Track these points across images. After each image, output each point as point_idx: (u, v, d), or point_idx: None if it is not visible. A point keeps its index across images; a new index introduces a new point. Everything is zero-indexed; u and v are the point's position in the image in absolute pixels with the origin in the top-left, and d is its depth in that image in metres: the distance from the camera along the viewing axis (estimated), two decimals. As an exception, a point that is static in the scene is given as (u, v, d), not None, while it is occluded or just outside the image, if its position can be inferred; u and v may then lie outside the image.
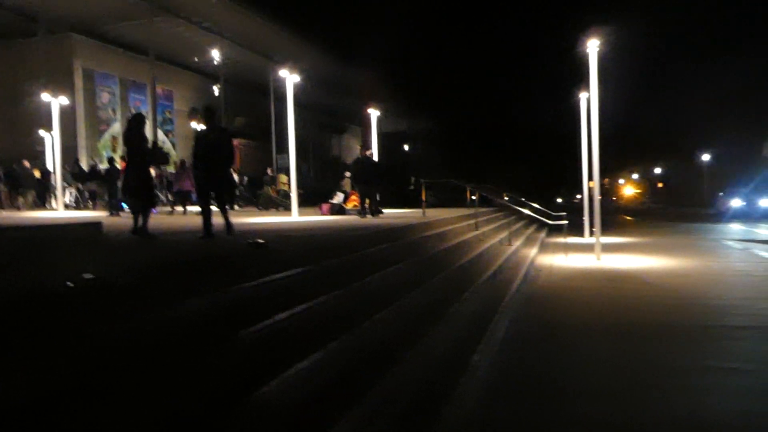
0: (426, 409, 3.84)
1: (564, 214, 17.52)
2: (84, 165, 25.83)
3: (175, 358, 3.34)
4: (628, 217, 40.66)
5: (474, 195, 15.14)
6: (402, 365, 4.14)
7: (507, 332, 6.47)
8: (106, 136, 32.75)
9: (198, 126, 31.02)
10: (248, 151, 35.48)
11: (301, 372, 3.59)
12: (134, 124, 8.62)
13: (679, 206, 53.05)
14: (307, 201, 21.54)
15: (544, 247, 16.59)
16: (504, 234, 14.03)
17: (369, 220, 12.39)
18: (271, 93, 37.98)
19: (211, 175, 7.93)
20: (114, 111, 33.53)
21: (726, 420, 4.12)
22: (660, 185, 75.67)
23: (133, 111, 34.53)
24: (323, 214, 15.67)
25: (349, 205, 15.69)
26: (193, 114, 38.07)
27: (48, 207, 19.56)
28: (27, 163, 20.22)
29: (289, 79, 14.11)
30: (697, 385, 4.85)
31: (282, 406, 3.36)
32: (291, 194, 20.00)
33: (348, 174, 23.09)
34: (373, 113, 19.54)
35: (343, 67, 39.78)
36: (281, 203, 19.44)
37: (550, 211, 19.45)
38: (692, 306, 8.16)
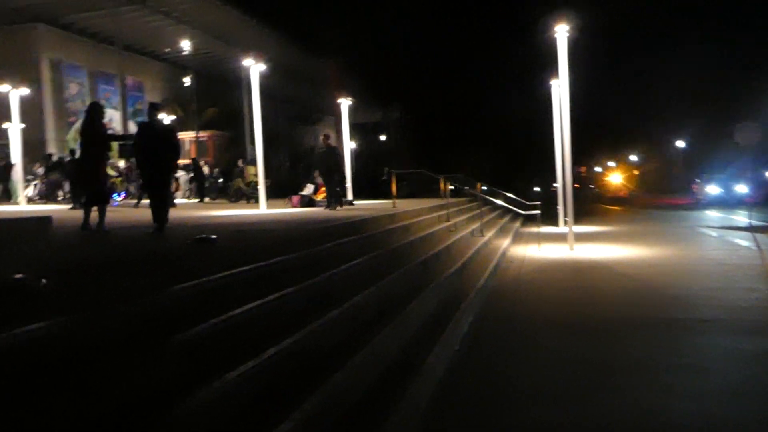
0: (368, 419, 3.57)
1: (539, 203, 17.38)
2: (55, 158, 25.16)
3: (88, 368, 3.02)
4: (606, 206, 40.83)
5: (446, 185, 14.88)
6: (345, 371, 3.86)
7: (468, 330, 6.23)
8: (75, 128, 31.96)
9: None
10: (221, 143, 34.86)
11: (229, 383, 3.29)
12: (92, 115, 8.27)
13: (655, 193, 53.44)
14: (279, 193, 21.17)
15: (518, 238, 16.42)
16: (476, 225, 13.80)
17: (334, 212, 12.05)
18: (242, 84, 37.38)
19: (154, 168, 7.75)
20: (83, 102, 32.58)
21: (686, 423, 3.91)
22: (635, 172, 76.23)
23: (103, 103, 33.81)
24: (293, 206, 15.34)
25: (319, 197, 15.34)
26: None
27: (12, 201, 18.99)
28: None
29: (254, 68, 13.71)
30: (659, 384, 4.64)
31: (205, 421, 3.06)
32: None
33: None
34: (344, 103, 19.19)
35: (314, 57, 39.32)
36: (251, 195, 19.02)
37: (524, 201, 19.32)
38: (663, 297, 8.01)
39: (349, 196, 18.80)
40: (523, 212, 16.97)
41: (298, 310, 4.72)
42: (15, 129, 16.36)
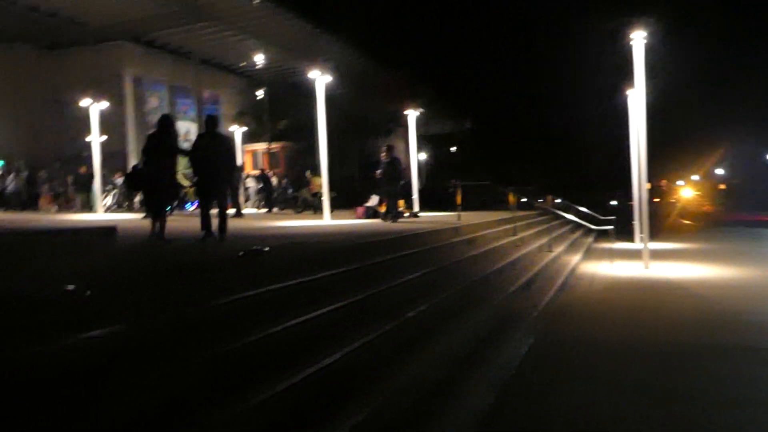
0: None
1: (613, 218, 16.57)
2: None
3: (115, 382, 2.92)
4: (688, 222, 38.79)
5: (515, 198, 14.40)
6: (382, 395, 3.61)
7: (528, 352, 5.84)
8: (154, 141, 33.29)
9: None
10: (292, 154, 35.41)
11: (266, 401, 3.11)
12: (162, 127, 8.36)
13: (742, 209, 50.34)
14: (348, 203, 21.15)
15: (589, 254, 15.68)
16: (545, 239, 13.28)
17: (395, 225, 11.75)
18: (315, 95, 37.93)
19: (210, 177, 7.81)
20: (162, 116, 34.08)
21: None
22: (721, 186, 72.24)
23: (181, 116, 35.12)
24: (357, 217, 15.23)
25: (384, 208, 15.16)
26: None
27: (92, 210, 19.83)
28: (83, 169, 20.73)
29: (320, 79, 13.74)
30: (727, 421, 4.14)
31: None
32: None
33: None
34: (411, 114, 18.99)
35: (385, 69, 39.47)
36: (317, 206, 19.06)
37: (598, 215, 18.50)
38: (742, 323, 7.32)
39: (416, 208, 18.57)
40: (596, 227, 16.21)
41: (343, 327, 4.51)
42: (95, 141, 17.06)
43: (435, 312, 5.60)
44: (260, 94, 36.07)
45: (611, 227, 14.75)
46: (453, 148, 52.01)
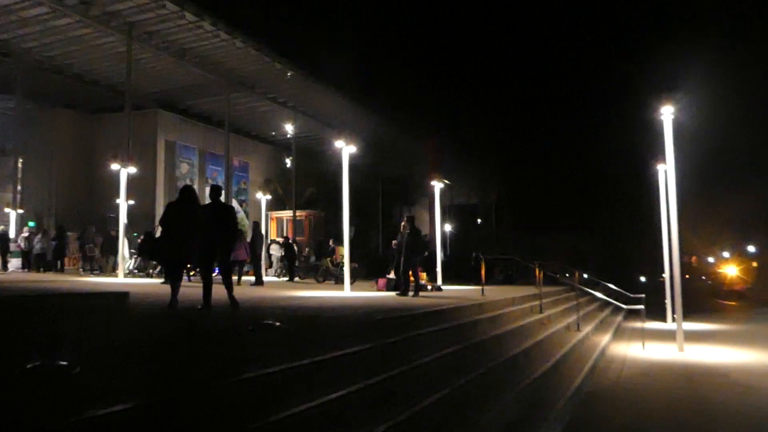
0: None
1: (643, 295, 15.97)
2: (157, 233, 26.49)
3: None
4: (720, 300, 37.54)
5: (541, 273, 13.99)
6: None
7: (556, 446, 5.40)
8: (182, 205, 33.74)
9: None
10: (317, 222, 35.53)
11: None
12: (184, 196, 8.25)
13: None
14: (371, 274, 20.89)
15: (619, 334, 15.06)
16: (572, 318, 12.77)
17: (413, 299, 11.31)
18: (341, 164, 38.37)
19: (212, 246, 7.83)
20: (192, 181, 34.66)
21: None
22: (754, 264, 70.26)
23: (210, 182, 35.69)
24: (379, 289, 14.91)
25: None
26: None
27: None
28: (114, 232, 21.01)
29: (345, 149, 13.78)
30: None
31: None
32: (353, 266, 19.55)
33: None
34: (436, 185, 18.91)
35: (413, 139, 39.94)
36: (339, 276, 18.83)
37: (627, 292, 17.90)
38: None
39: (439, 281, 18.21)
40: (625, 306, 15.62)
41: (356, 414, 4.18)
42: (122, 205, 17.25)
43: (456, 398, 5.23)
44: (288, 162, 36.63)
45: (641, 306, 14.17)
46: (479, 220, 51.80)
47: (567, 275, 19.12)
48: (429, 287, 14.78)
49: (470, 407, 5.29)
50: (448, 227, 49.08)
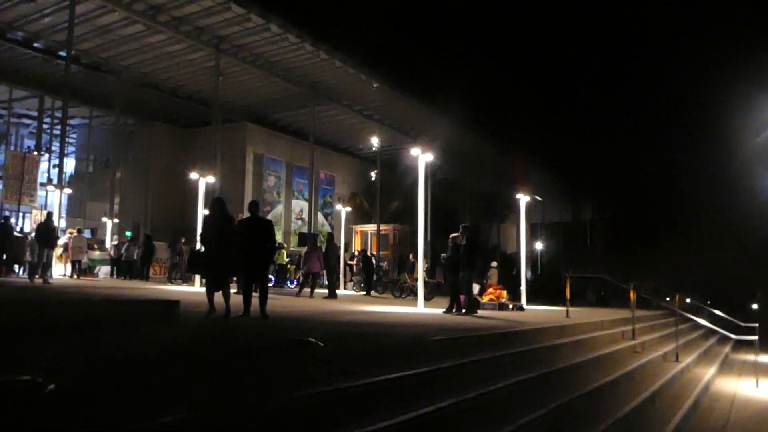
0: None
1: (756, 325, 14.16)
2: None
3: None
4: None
5: (635, 295, 12.62)
6: None
7: None
8: (269, 218, 34.21)
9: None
10: (402, 236, 34.92)
11: None
12: (218, 207, 8.33)
13: None
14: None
15: (727, 368, 13.34)
16: (671, 346, 11.34)
17: (487, 320, 10.25)
18: (428, 177, 37.73)
19: (252, 259, 8.04)
20: (279, 194, 35.16)
21: None
22: None
23: (296, 194, 36.04)
24: (455, 307, 14.00)
25: (485, 299, 13.90)
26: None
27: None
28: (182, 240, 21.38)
29: (422, 158, 13.07)
30: None
31: None
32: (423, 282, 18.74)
33: (494, 264, 21.32)
34: (522, 199, 17.81)
35: (503, 154, 38.69)
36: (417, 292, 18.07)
37: (736, 320, 16.01)
38: None
39: (523, 300, 17.07)
40: (734, 336, 13.87)
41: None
42: (201, 215, 17.32)
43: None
44: (373, 175, 36.37)
45: (755, 337, 12.47)
46: (572, 238, 49.44)
47: (667, 299, 17.44)
48: (510, 306, 13.74)
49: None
50: (539, 245, 47.21)
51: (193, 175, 17.19)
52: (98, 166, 37.88)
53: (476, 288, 14.18)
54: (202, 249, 8.32)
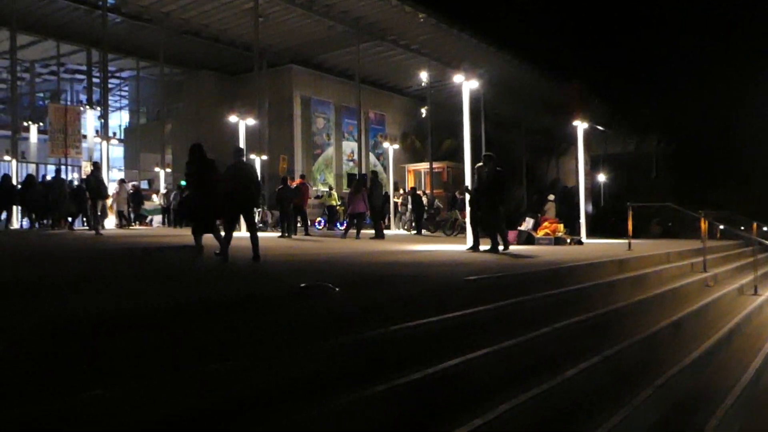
0: None
1: None
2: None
3: None
4: None
5: (706, 224, 11.50)
6: None
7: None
8: (320, 161, 33.81)
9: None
10: (456, 173, 33.91)
11: None
12: (197, 153, 8.35)
13: None
14: (511, 227, 19.21)
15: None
16: (748, 278, 10.27)
17: (518, 259, 8.85)
18: (481, 113, 36.28)
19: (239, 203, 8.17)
20: (328, 136, 34.56)
21: None
22: None
23: (346, 136, 35.33)
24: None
25: (540, 233, 13.04)
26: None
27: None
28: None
29: (465, 85, 12.08)
30: None
31: None
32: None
33: (552, 197, 20.22)
34: (580, 128, 16.56)
35: (558, 83, 36.73)
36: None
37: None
38: None
39: (583, 234, 16.10)
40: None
41: (403, 418, 2.82)
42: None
43: (565, 394, 3.67)
44: (423, 113, 35.19)
45: None
46: (633, 169, 47.08)
47: (742, 228, 16.11)
48: (568, 241, 12.85)
49: (587, 408, 3.71)
50: (602, 178, 45.23)
51: (232, 118, 16.66)
52: (151, 118, 38.20)
53: (530, 222, 13.35)
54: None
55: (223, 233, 7.98)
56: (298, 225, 17.59)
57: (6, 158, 22.66)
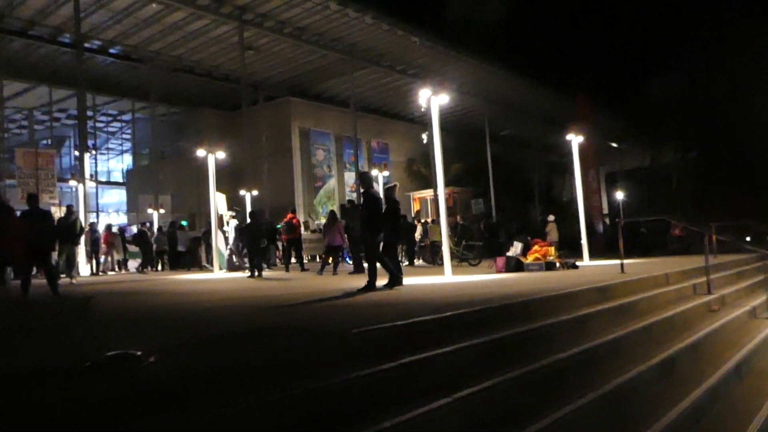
0: None
1: None
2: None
3: None
4: None
5: (710, 238, 10.21)
6: None
7: None
8: (321, 193, 32.95)
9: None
10: (463, 198, 32.84)
11: None
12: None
13: None
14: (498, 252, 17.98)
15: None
16: (761, 299, 8.94)
17: (498, 287, 7.72)
18: (486, 136, 35.25)
19: None
20: (329, 167, 33.75)
21: None
22: None
23: (348, 166, 34.43)
24: (498, 270, 12.02)
25: (530, 258, 11.81)
26: (410, 165, 36.99)
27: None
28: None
29: (434, 100, 11.06)
30: None
31: None
32: (477, 245, 16.76)
33: (551, 218, 18.98)
34: (574, 141, 15.44)
35: (566, 101, 35.61)
36: (463, 256, 16.14)
37: None
38: None
39: (585, 257, 14.87)
40: None
41: None
42: (212, 195, 15.89)
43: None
44: (425, 138, 34.25)
45: None
46: (651, 183, 45.44)
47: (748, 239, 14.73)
48: (557, 265, 11.60)
49: None
50: (619, 195, 43.70)
51: (200, 152, 15.78)
52: (155, 159, 37.82)
53: (518, 247, 12.15)
54: None
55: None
56: (292, 261, 16.69)
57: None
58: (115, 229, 19.79)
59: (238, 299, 8.02)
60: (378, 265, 8.38)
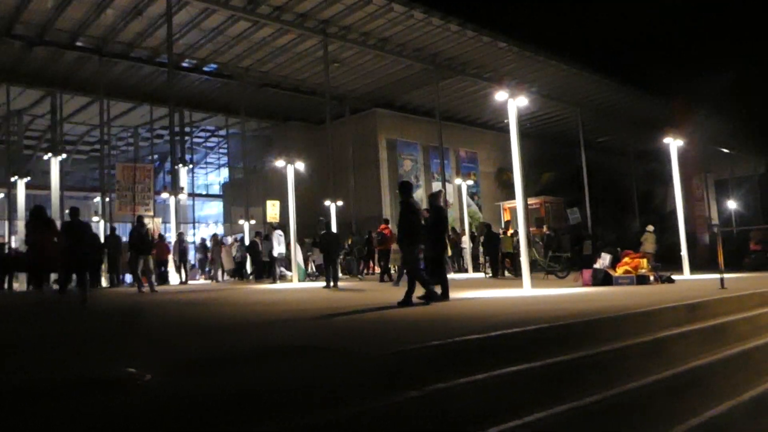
0: None
1: None
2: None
3: None
4: None
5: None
6: None
7: None
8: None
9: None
10: (555, 208, 31.53)
11: None
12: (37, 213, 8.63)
13: None
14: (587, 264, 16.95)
15: None
16: None
17: (556, 308, 6.79)
18: (581, 142, 33.70)
19: None
20: (417, 178, 33.39)
21: None
22: None
23: (436, 176, 33.97)
24: (584, 284, 11.19)
25: (619, 271, 10.89)
26: (500, 175, 36.12)
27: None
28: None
29: (511, 104, 10.47)
30: None
31: None
32: (564, 256, 15.82)
33: (651, 228, 17.71)
34: (672, 144, 14.26)
35: (675, 107, 33.41)
36: (550, 268, 15.27)
37: None
38: None
39: (686, 270, 13.66)
40: None
41: None
42: (291, 204, 15.96)
43: None
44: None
45: None
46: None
47: None
48: (651, 278, 10.61)
49: None
50: (731, 204, 40.70)
51: (279, 164, 15.90)
52: (247, 172, 39.11)
53: (607, 258, 11.26)
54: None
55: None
56: (375, 271, 16.59)
57: (94, 218, 23.67)
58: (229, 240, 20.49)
59: (297, 311, 7.80)
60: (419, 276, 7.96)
